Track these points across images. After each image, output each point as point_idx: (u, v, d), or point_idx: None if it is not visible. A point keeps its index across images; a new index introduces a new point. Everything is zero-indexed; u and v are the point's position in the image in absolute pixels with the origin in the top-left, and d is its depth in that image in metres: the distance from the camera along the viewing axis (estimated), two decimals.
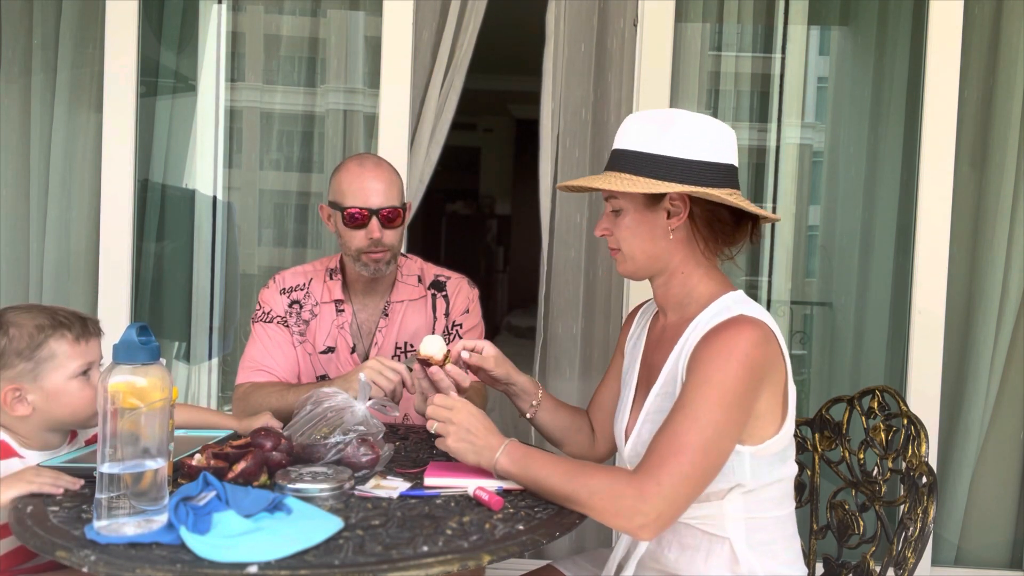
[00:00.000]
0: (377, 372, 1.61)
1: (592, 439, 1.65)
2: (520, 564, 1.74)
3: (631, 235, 1.39)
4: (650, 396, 1.40)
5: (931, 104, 2.44)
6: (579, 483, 1.25)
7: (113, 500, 1.07)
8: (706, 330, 1.32)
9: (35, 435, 1.43)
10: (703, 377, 1.26)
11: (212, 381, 2.83)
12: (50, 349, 1.39)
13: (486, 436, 1.35)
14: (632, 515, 1.22)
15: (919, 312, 2.45)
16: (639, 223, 1.38)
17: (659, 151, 1.33)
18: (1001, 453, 2.57)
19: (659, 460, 1.23)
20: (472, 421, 1.36)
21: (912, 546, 1.41)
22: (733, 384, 1.25)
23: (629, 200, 1.38)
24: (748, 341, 1.27)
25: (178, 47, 2.72)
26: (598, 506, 1.24)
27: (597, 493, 1.24)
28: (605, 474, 1.26)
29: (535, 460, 1.31)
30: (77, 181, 2.59)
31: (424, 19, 2.53)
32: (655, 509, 1.21)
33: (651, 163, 1.33)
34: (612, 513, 1.24)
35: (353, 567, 1.02)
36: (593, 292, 2.62)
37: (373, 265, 1.81)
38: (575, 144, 2.58)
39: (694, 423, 1.24)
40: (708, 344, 1.29)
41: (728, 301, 1.37)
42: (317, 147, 2.75)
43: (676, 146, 1.33)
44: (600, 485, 1.24)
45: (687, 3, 2.60)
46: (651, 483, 1.22)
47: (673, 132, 1.34)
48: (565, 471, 1.28)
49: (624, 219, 1.39)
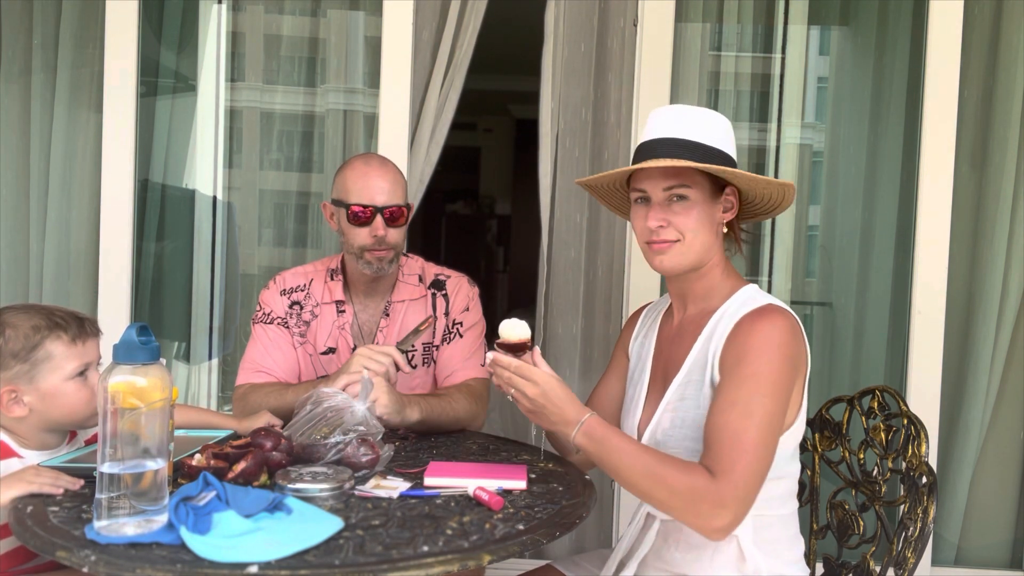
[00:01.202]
0: (368, 358, 1.61)
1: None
2: (520, 564, 1.74)
3: (699, 226, 1.39)
4: (671, 387, 1.41)
5: (931, 104, 2.44)
6: (658, 480, 1.25)
7: (113, 500, 1.07)
8: (736, 319, 1.34)
9: (33, 436, 1.43)
10: (750, 370, 1.27)
11: (212, 381, 2.83)
12: (46, 351, 1.38)
13: (564, 406, 1.31)
14: (711, 518, 1.23)
15: (919, 312, 2.45)
16: (706, 215, 1.39)
17: (717, 145, 1.38)
18: (1001, 453, 2.57)
19: (730, 463, 1.23)
20: (550, 393, 1.30)
21: (912, 546, 1.41)
22: (779, 375, 1.27)
23: (699, 190, 1.38)
24: (786, 331, 1.30)
25: (178, 47, 2.72)
26: (676, 506, 1.25)
27: (677, 494, 1.24)
28: (684, 474, 1.25)
29: (613, 444, 1.29)
30: (77, 181, 2.59)
31: (424, 19, 2.53)
32: (732, 513, 1.22)
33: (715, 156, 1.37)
34: (691, 514, 1.24)
35: (353, 567, 1.02)
36: (593, 292, 2.62)
37: (376, 263, 1.81)
38: (575, 144, 2.58)
39: (750, 419, 1.25)
40: (747, 334, 1.31)
41: (751, 292, 1.41)
42: (317, 147, 2.75)
43: (725, 143, 1.39)
44: (680, 486, 1.23)
45: (687, 3, 2.60)
46: (729, 487, 1.22)
47: (718, 129, 1.39)
48: (644, 464, 1.26)
49: (693, 209, 1.38)
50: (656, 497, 1.26)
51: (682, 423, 1.37)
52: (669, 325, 1.51)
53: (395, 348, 1.65)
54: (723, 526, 1.23)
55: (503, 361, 1.32)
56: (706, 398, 1.35)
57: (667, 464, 1.26)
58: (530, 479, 1.39)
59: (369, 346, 1.66)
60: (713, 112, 1.42)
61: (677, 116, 1.39)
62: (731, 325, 1.34)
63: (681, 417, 1.38)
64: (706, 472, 1.24)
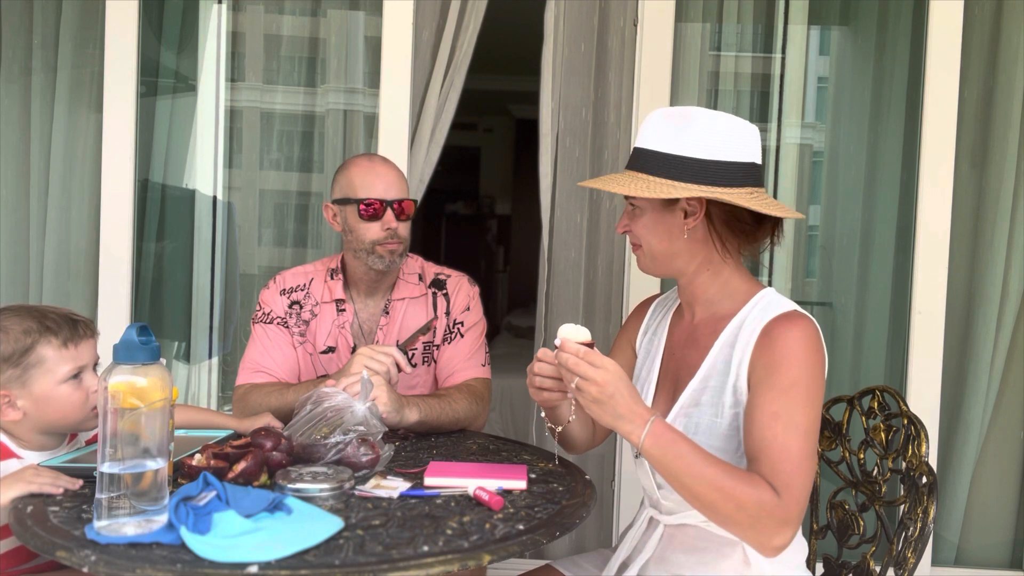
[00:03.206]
0: (368, 358, 1.61)
1: (593, 431, 1.63)
2: (520, 564, 1.74)
3: (649, 234, 1.40)
4: (686, 392, 1.39)
5: (931, 104, 2.44)
6: (726, 493, 1.21)
7: (113, 500, 1.07)
8: (761, 324, 1.32)
9: (31, 437, 1.42)
10: (788, 380, 1.26)
11: (212, 381, 2.83)
12: (38, 355, 1.37)
13: (634, 400, 1.25)
14: (773, 536, 1.21)
15: (919, 312, 2.45)
16: (656, 223, 1.39)
17: (676, 151, 1.33)
18: (1001, 453, 2.57)
19: (789, 479, 1.21)
20: (620, 385, 1.24)
21: (912, 546, 1.41)
22: (817, 383, 1.27)
23: (647, 200, 1.38)
24: (816, 338, 1.30)
25: (178, 47, 2.72)
26: (740, 520, 1.22)
27: (744, 509, 1.21)
28: (753, 488, 1.21)
29: (682, 448, 1.23)
30: (77, 181, 2.59)
31: (424, 19, 2.53)
32: (792, 530, 1.22)
33: (667, 163, 1.33)
34: (753, 530, 1.22)
35: (353, 567, 1.02)
36: (593, 292, 2.62)
37: (388, 256, 1.81)
38: (575, 144, 2.59)
39: (796, 431, 1.24)
40: (780, 342, 1.29)
41: (771, 296, 1.39)
42: (317, 147, 2.75)
43: (694, 146, 1.32)
44: (749, 502, 1.20)
45: (687, 3, 2.60)
46: (793, 505, 1.20)
47: (690, 131, 1.33)
48: (713, 475, 1.22)
49: (642, 218, 1.40)
50: (721, 510, 1.22)
51: (696, 429, 1.35)
52: (680, 326, 1.49)
53: (396, 348, 1.65)
54: (783, 544, 1.22)
55: (571, 347, 1.25)
56: (726, 405, 1.33)
57: (735, 476, 1.22)
58: (530, 479, 1.39)
59: (370, 346, 1.66)
60: (696, 111, 1.35)
61: (648, 123, 1.38)
62: (757, 331, 1.32)
63: (695, 423, 1.36)
64: (771, 488, 1.21)
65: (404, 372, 1.66)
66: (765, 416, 1.25)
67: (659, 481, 1.40)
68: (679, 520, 1.40)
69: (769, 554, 1.24)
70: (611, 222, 2.59)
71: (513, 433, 3.58)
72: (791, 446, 1.22)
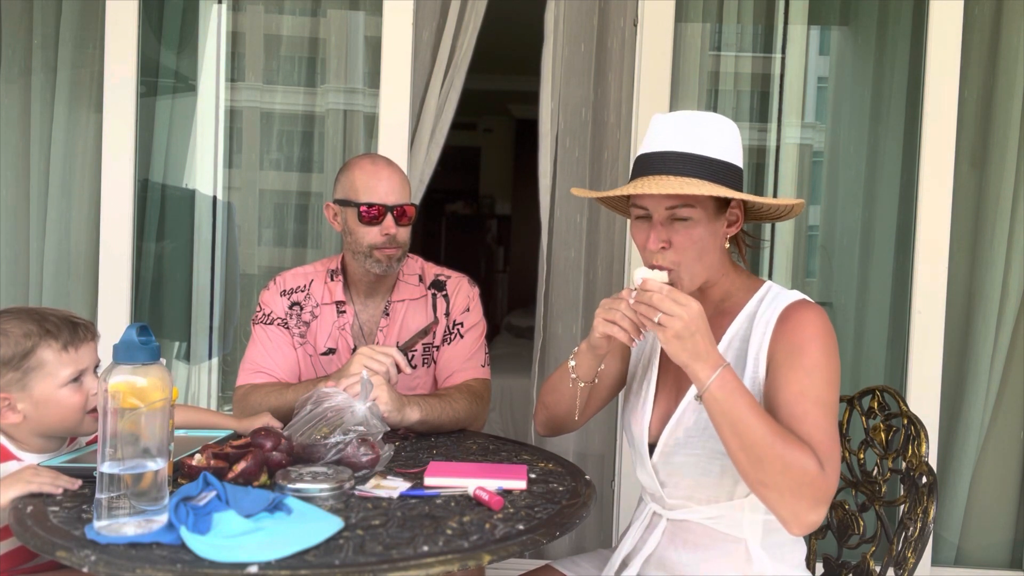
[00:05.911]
0: (368, 358, 1.62)
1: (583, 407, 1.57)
2: (520, 564, 1.74)
3: (699, 247, 1.33)
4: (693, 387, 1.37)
5: (931, 104, 2.44)
6: (776, 451, 1.18)
7: (113, 500, 1.07)
8: (776, 312, 1.33)
9: (31, 440, 1.42)
10: (811, 361, 1.27)
11: (212, 381, 2.83)
12: (38, 358, 1.37)
13: (709, 345, 1.22)
14: (808, 510, 1.19)
15: (919, 312, 2.45)
16: (712, 234, 1.34)
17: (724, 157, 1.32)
18: (1001, 453, 2.57)
19: (827, 453, 1.21)
20: (702, 324, 1.21)
21: (912, 546, 1.41)
22: (837, 365, 1.29)
23: (703, 209, 1.32)
24: (830, 324, 1.31)
25: (178, 47, 2.72)
26: (780, 484, 1.19)
27: (789, 471, 1.18)
28: (802, 455, 1.19)
29: (744, 399, 1.21)
30: (77, 181, 2.59)
31: (424, 19, 2.53)
32: (824, 511, 1.21)
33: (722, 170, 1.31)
34: (793, 496, 1.19)
35: (353, 567, 1.02)
36: (593, 292, 2.62)
37: (386, 261, 1.81)
38: (575, 144, 2.59)
39: (825, 409, 1.24)
40: (800, 324, 1.30)
41: (776, 288, 1.40)
42: (317, 147, 2.75)
43: (733, 153, 1.33)
44: (795, 465, 1.18)
45: (687, 3, 2.60)
46: (832, 479, 1.20)
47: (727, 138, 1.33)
48: (767, 430, 1.19)
49: (696, 229, 1.32)
50: (767, 467, 1.18)
51: (707, 424, 1.33)
52: None
53: (396, 349, 1.65)
54: (815, 521, 1.20)
55: (654, 284, 1.23)
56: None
57: (788, 438, 1.20)
58: (530, 479, 1.39)
59: (370, 346, 1.66)
60: (719, 118, 1.35)
61: (684, 126, 1.32)
62: (773, 318, 1.32)
63: (707, 418, 1.33)
64: (817, 460, 1.19)
65: (404, 373, 1.67)
66: (791, 395, 1.26)
67: (662, 479, 1.40)
68: (682, 516, 1.40)
69: (798, 530, 1.22)
70: (611, 222, 2.59)
71: (513, 433, 3.58)
72: (822, 423, 1.23)
